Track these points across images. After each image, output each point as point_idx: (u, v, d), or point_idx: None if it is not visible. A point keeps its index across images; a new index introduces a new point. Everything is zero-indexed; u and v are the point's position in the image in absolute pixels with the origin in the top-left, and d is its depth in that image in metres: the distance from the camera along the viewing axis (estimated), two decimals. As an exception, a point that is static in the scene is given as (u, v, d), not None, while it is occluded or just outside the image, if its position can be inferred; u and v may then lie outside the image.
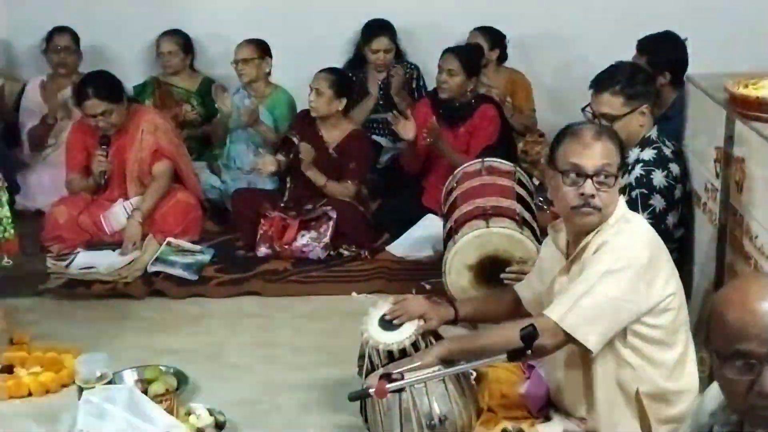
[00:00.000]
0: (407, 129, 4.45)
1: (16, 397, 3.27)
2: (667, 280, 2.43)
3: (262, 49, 5.03)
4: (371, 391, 2.28)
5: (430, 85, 5.30)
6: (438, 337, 2.87)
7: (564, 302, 2.41)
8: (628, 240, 2.40)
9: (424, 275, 4.07)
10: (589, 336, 2.39)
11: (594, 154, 2.43)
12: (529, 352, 2.23)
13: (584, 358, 2.47)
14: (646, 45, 4.13)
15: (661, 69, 4.06)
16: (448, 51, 4.61)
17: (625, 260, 2.37)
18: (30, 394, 3.29)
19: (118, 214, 4.58)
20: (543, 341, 2.33)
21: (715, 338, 1.61)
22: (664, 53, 4.10)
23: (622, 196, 2.54)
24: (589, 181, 2.42)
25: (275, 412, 3.15)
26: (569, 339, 2.40)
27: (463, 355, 2.58)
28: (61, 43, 5.27)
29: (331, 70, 4.63)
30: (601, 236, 2.45)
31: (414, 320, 2.82)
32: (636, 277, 2.37)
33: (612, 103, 3.17)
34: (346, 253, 4.39)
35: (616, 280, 2.37)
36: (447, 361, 2.62)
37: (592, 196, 2.41)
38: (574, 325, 2.38)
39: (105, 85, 4.47)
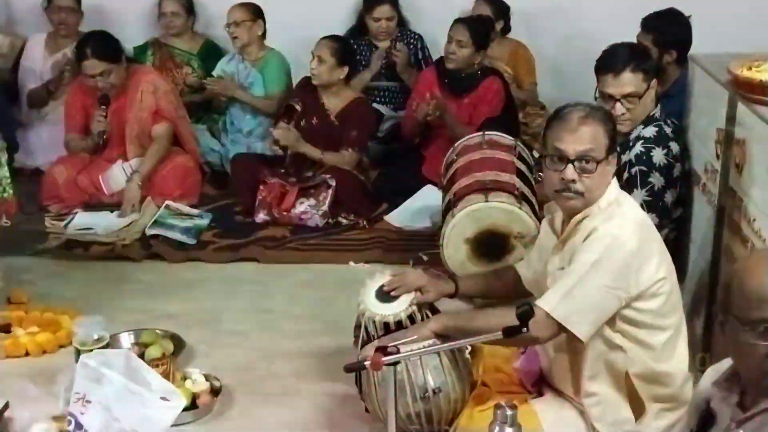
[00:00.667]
0: (421, 111, 4.43)
1: (13, 356, 3.29)
2: (657, 266, 2.42)
3: (254, 12, 5.00)
4: (367, 363, 2.29)
5: (434, 53, 5.29)
6: (435, 310, 2.90)
7: (555, 292, 2.42)
8: (617, 226, 2.40)
9: (421, 246, 4.09)
10: (581, 326, 2.40)
11: (577, 138, 2.43)
12: (524, 329, 2.24)
13: (573, 340, 2.49)
14: (652, 23, 4.10)
15: (668, 47, 4.04)
16: (459, 21, 4.59)
17: (613, 248, 2.37)
18: (27, 354, 3.32)
19: (117, 176, 4.58)
20: (536, 332, 2.34)
21: (735, 305, 1.67)
22: (670, 31, 4.07)
23: (614, 180, 2.52)
24: (570, 166, 2.42)
25: (271, 379, 3.17)
26: (561, 329, 2.42)
27: (458, 333, 2.59)
28: (63, 2, 5.23)
29: (333, 38, 4.61)
30: (591, 221, 2.46)
31: (411, 293, 2.85)
32: (624, 264, 2.38)
33: (635, 81, 3.16)
34: (344, 221, 4.40)
35: (605, 268, 2.37)
36: (442, 336, 2.65)
37: (573, 181, 2.42)
38: (566, 316, 2.39)
39: (104, 45, 4.45)
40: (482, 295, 3.10)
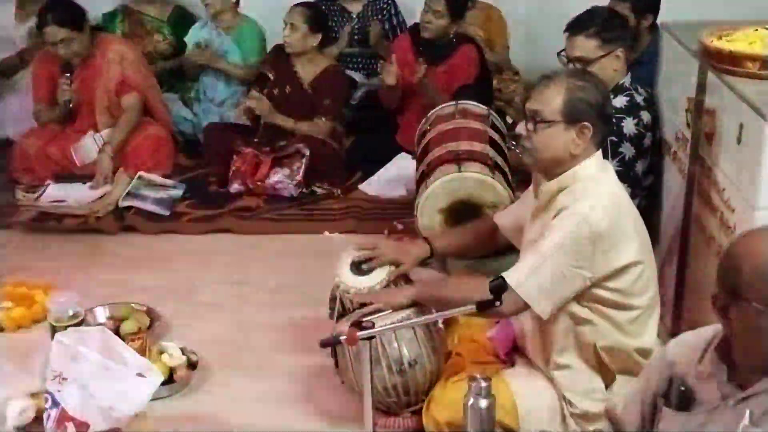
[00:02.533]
0: (390, 74, 4.41)
1: (-12, 332, 3.29)
2: (630, 249, 2.43)
3: None
4: (342, 338, 2.32)
5: (408, 17, 5.25)
6: (409, 281, 2.92)
7: (522, 269, 2.45)
8: (588, 206, 2.41)
9: (396, 214, 4.10)
10: (544, 304, 2.44)
11: (533, 98, 2.52)
12: (498, 303, 2.27)
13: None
14: None
15: (644, 12, 4.04)
16: None
17: (581, 227, 2.39)
18: (1, 330, 3.31)
19: (89, 147, 4.54)
20: (500, 307, 2.36)
21: (753, 289, 1.67)
22: None
23: (597, 154, 2.54)
24: (523, 123, 2.53)
25: (247, 352, 3.19)
26: (526, 306, 2.45)
27: (432, 303, 2.62)
28: None
29: (306, 5, 4.56)
30: (565, 195, 2.47)
31: (386, 266, 2.86)
32: (591, 244, 2.39)
33: (586, 46, 3.16)
34: (318, 190, 4.40)
35: (572, 248, 2.39)
36: (416, 304, 2.67)
37: (521, 136, 2.53)
38: (531, 294, 2.43)
39: (65, 12, 4.38)
40: (457, 252, 3.11)
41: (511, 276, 2.43)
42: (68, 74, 4.45)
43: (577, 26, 3.20)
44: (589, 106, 2.47)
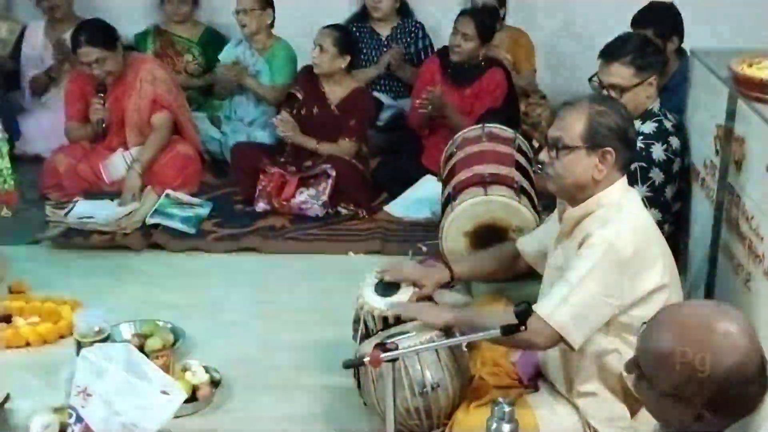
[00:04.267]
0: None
1: (14, 347, 3.31)
2: (656, 274, 2.42)
3: (263, 0, 4.99)
4: (366, 360, 2.32)
5: (435, 40, 5.29)
6: (432, 303, 2.91)
7: (551, 300, 2.44)
8: (614, 233, 2.40)
9: (421, 237, 4.08)
10: (576, 335, 2.43)
11: (555, 124, 2.54)
12: (522, 328, 2.27)
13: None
14: (645, 17, 4.05)
15: (670, 35, 4.04)
16: (465, 14, 4.59)
17: (608, 255, 2.38)
18: (27, 345, 3.33)
19: (118, 164, 4.58)
20: (534, 339, 2.39)
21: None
22: (667, 19, 4.06)
23: (621, 180, 2.53)
24: (545, 149, 2.53)
25: (270, 371, 3.19)
26: (560, 337, 2.43)
27: (466, 328, 2.62)
28: None
29: (335, 27, 4.60)
30: (589, 222, 2.46)
31: (410, 287, 2.86)
32: (618, 272, 2.39)
33: (622, 73, 3.16)
34: (344, 211, 4.41)
35: (600, 276, 2.39)
36: (446, 329, 2.67)
37: (545, 163, 2.53)
38: (563, 323, 2.41)
39: (98, 32, 4.44)
40: (478, 277, 3.12)
41: (541, 307, 2.42)
42: (102, 94, 4.51)
43: (612, 53, 3.20)
44: (610, 131, 2.46)
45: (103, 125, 4.58)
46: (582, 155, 2.46)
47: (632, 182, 3.11)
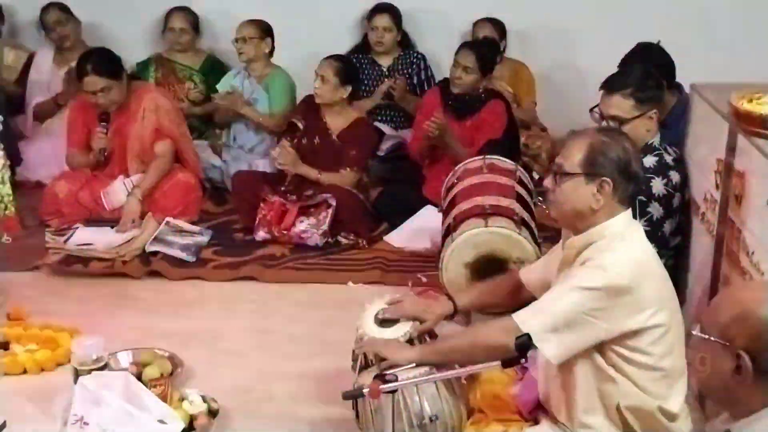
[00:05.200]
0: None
1: (11, 374, 3.29)
2: (652, 312, 2.40)
3: (263, 29, 5.03)
4: (365, 391, 2.31)
5: (436, 72, 5.33)
6: (434, 335, 2.90)
7: (531, 308, 2.46)
8: (609, 260, 2.40)
9: (421, 267, 4.09)
10: (548, 344, 2.41)
11: (560, 153, 2.55)
12: (523, 360, 2.26)
13: (564, 365, 2.50)
14: (634, 57, 4.07)
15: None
16: (465, 46, 4.62)
17: (600, 280, 2.38)
18: (25, 372, 3.32)
19: (118, 191, 4.59)
20: (507, 342, 2.36)
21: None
22: (655, 59, 4.06)
23: (626, 212, 2.53)
24: (550, 176, 2.55)
25: (268, 402, 3.17)
26: (529, 341, 2.42)
27: (435, 358, 2.61)
28: (52, 18, 5.32)
29: (337, 58, 4.63)
30: (591, 250, 2.47)
31: (409, 321, 2.85)
32: (608, 298, 2.38)
33: (622, 105, 3.19)
34: (344, 241, 4.41)
35: (586, 296, 2.38)
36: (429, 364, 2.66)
37: (548, 190, 2.55)
38: (536, 332, 2.40)
39: (104, 61, 4.48)
40: (481, 308, 3.10)
41: (518, 314, 2.44)
42: (104, 122, 4.53)
43: (613, 85, 3.23)
44: (610, 162, 2.46)
45: (105, 153, 4.59)
46: (580, 182, 2.47)
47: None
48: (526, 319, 2.42)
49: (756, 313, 1.72)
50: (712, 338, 1.76)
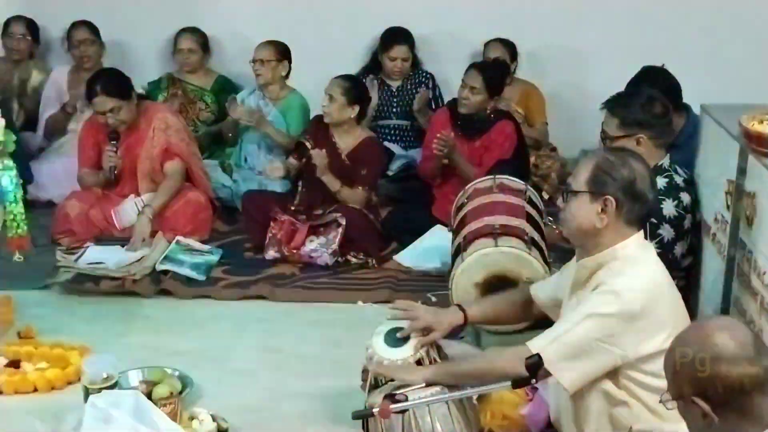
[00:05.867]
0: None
1: (22, 392, 3.30)
2: (665, 333, 2.41)
3: (280, 52, 5.06)
4: (375, 410, 2.31)
5: (445, 93, 5.35)
6: (440, 350, 2.89)
7: (546, 336, 2.46)
8: (624, 285, 2.41)
9: (431, 287, 4.08)
10: (565, 373, 2.42)
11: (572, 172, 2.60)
12: (533, 381, 2.26)
13: (576, 390, 2.49)
14: (639, 80, 4.07)
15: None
16: (473, 67, 4.63)
17: (614, 305, 2.39)
18: (35, 390, 3.32)
19: (129, 210, 4.61)
20: (521, 371, 2.37)
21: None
22: (660, 83, 4.05)
23: (637, 234, 2.53)
24: (560, 195, 2.61)
25: (277, 421, 3.17)
26: (546, 373, 2.43)
27: (448, 380, 2.61)
28: (80, 36, 5.35)
29: (345, 77, 4.65)
30: (603, 273, 2.47)
31: (419, 336, 2.85)
32: (623, 324, 2.38)
33: (609, 122, 3.28)
34: (353, 260, 4.41)
35: (602, 323, 2.39)
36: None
37: (560, 209, 2.60)
38: (552, 360, 2.41)
39: (113, 82, 4.51)
40: (491, 321, 3.12)
41: (533, 343, 2.44)
42: (115, 141, 4.56)
43: (607, 102, 3.31)
44: (614, 181, 2.48)
45: (115, 172, 4.61)
46: (585, 200, 2.50)
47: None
48: (541, 348, 2.42)
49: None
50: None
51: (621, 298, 2.39)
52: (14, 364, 3.41)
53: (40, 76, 5.45)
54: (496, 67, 4.79)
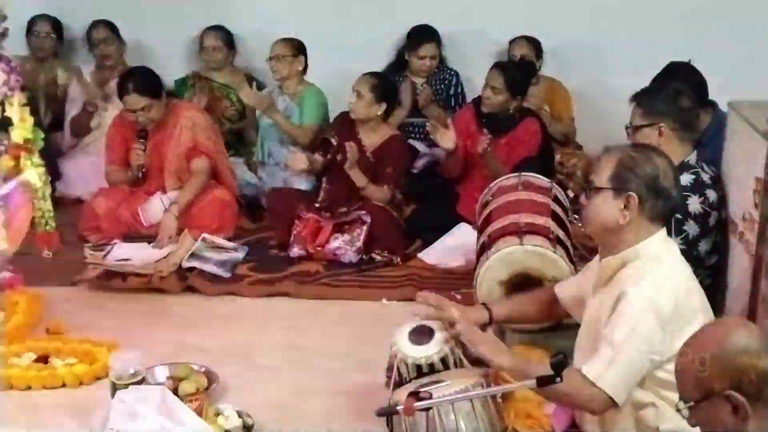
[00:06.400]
0: (446, 138, 4.47)
1: (50, 387, 3.34)
2: (693, 329, 2.39)
3: (296, 48, 5.07)
4: (399, 408, 2.31)
5: (469, 91, 5.34)
6: (467, 352, 2.89)
7: (598, 362, 2.42)
8: (652, 288, 2.39)
9: (455, 284, 4.08)
10: (623, 395, 2.42)
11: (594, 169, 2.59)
12: (558, 380, 2.25)
13: None
14: (665, 76, 4.04)
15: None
16: (496, 67, 4.62)
17: (648, 312, 2.37)
18: (64, 385, 3.36)
19: (156, 208, 4.64)
20: (589, 405, 2.41)
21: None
22: (686, 79, 4.01)
23: (661, 232, 2.52)
24: (584, 192, 2.58)
25: (302, 417, 3.17)
26: (611, 400, 2.40)
27: (518, 378, 2.59)
28: (100, 35, 5.41)
29: (374, 74, 4.66)
30: (627, 273, 2.45)
31: (444, 334, 2.84)
32: (660, 328, 2.38)
33: (634, 113, 3.27)
34: (378, 258, 4.42)
35: (644, 334, 2.38)
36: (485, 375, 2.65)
37: (583, 206, 2.58)
38: (612, 386, 2.40)
39: (145, 80, 4.54)
40: (516, 320, 3.11)
41: (590, 371, 2.41)
42: (143, 139, 4.60)
43: (635, 94, 3.30)
44: (636, 177, 2.47)
45: (143, 170, 4.65)
46: (608, 197, 2.48)
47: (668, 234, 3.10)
48: (599, 375, 2.40)
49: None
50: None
51: (655, 304, 2.37)
52: (43, 359, 3.46)
53: (65, 75, 5.49)
54: (519, 67, 4.77)
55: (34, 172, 3.47)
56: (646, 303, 2.38)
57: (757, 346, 1.80)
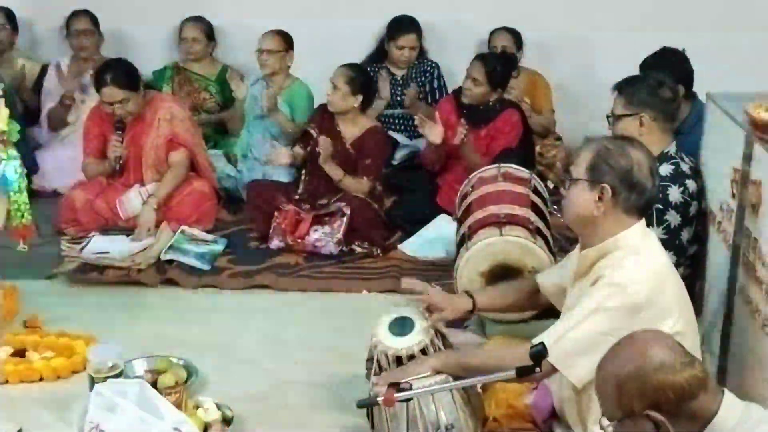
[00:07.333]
0: (434, 133, 4.46)
1: (28, 381, 3.31)
2: (669, 321, 2.41)
3: (287, 42, 5.04)
4: (379, 399, 2.31)
5: (449, 81, 5.33)
6: (447, 344, 2.90)
7: (552, 333, 2.46)
8: (625, 276, 2.41)
9: (435, 276, 4.04)
10: (574, 369, 2.43)
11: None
12: (537, 370, 2.26)
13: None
14: (651, 63, 4.08)
15: (676, 82, 4.03)
16: (477, 58, 4.63)
17: (619, 298, 2.39)
18: (41, 379, 3.33)
19: (134, 200, 4.61)
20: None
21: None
22: (676, 66, 4.05)
23: (639, 223, 2.53)
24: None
25: (282, 410, 3.17)
26: (555, 369, 2.43)
27: (458, 370, 2.61)
28: (80, 26, 5.34)
29: (350, 66, 4.64)
30: (605, 262, 2.47)
31: (424, 326, 2.84)
32: (629, 315, 2.38)
33: (615, 102, 3.29)
34: (358, 249, 4.41)
35: (608, 317, 2.39)
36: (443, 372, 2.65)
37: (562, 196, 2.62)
38: (559, 357, 2.42)
39: (123, 73, 4.50)
40: (499, 309, 3.13)
41: (540, 340, 2.43)
42: (120, 131, 4.55)
43: (617, 84, 3.32)
44: (611, 169, 2.49)
45: (121, 162, 4.61)
46: (584, 188, 2.50)
47: (648, 224, 3.11)
48: (549, 347, 2.40)
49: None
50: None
51: (625, 291, 2.39)
52: (20, 353, 3.43)
53: (31, 64, 5.41)
54: (501, 59, 4.76)
55: (9, 165, 3.44)
56: (615, 288, 2.40)
57: (672, 360, 1.80)
